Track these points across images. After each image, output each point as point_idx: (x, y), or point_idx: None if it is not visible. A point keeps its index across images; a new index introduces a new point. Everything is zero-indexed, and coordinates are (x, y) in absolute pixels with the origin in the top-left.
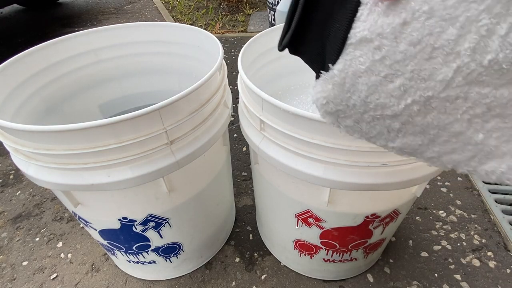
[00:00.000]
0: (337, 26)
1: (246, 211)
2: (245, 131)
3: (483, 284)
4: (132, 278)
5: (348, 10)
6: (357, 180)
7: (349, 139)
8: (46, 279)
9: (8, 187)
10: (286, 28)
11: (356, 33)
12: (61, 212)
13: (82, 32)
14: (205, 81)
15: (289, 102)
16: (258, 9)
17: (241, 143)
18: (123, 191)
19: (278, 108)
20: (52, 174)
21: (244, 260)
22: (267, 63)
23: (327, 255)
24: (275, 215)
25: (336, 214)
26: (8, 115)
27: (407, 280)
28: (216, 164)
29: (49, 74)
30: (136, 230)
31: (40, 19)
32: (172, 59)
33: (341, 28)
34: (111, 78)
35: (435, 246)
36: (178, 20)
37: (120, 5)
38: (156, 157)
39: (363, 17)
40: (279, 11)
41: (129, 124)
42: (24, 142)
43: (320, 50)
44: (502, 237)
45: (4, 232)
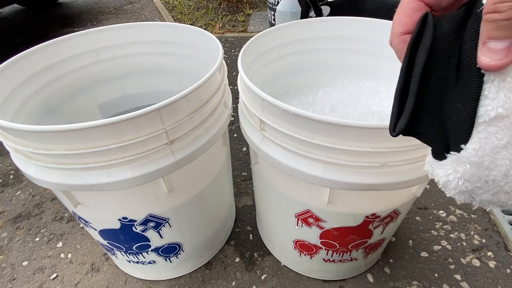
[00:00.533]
0: (459, 106)
1: (246, 211)
2: (245, 131)
3: (483, 284)
4: (132, 278)
5: (471, 89)
6: (357, 180)
7: (349, 139)
8: (46, 279)
9: (8, 187)
10: (396, 113)
11: (488, 112)
12: (61, 212)
13: (82, 32)
14: (205, 81)
15: (289, 102)
16: (258, 9)
17: (241, 143)
18: (123, 191)
19: (278, 108)
20: (52, 174)
21: (244, 260)
22: (267, 63)
23: (327, 255)
24: (275, 215)
25: (336, 214)
26: (8, 115)
27: (407, 280)
28: (216, 164)
29: (49, 74)
30: (136, 230)
31: (40, 19)
32: (172, 59)
33: (465, 108)
34: (111, 78)
35: (435, 246)
36: (178, 20)
37: (120, 5)
38: (156, 157)
39: (491, 94)
40: (279, 11)
41: (129, 124)
42: (24, 142)
43: (440, 131)
44: (502, 237)
45: (4, 232)
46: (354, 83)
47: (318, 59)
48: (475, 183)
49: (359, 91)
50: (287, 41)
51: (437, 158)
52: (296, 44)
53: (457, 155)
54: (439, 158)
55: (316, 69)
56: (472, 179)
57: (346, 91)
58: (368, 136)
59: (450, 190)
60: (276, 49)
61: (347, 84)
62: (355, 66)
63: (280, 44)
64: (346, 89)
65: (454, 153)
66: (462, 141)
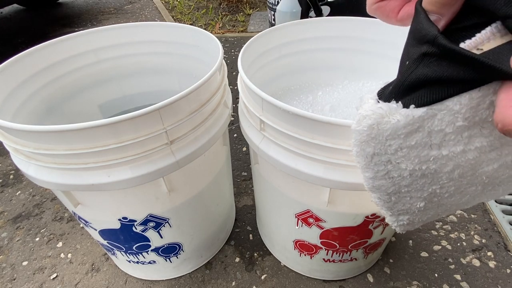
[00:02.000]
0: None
1: (246, 211)
2: (245, 131)
3: (483, 284)
4: (132, 278)
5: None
6: (357, 180)
7: (349, 139)
8: (46, 279)
9: (8, 187)
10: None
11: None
12: (61, 212)
13: (82, 32)
14: (205, 81)
15: (289, 102)
16: (258, 9)
17: (241, 143)
18: (123, 191)
19: (278, 108)
20: (52, 174)
21: (244, 260)
22: (267, 63)
23: (327, 255)
24: (275, 215)
25: (336, 214)
26: (8, 115)
27: (407, 280)
28: (216, 164)
29: (49, 74)
30: (136, 230)
31: (40, 19)
32: (172, 59)
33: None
34: (111, 78)
35: (435, 246)
36: (178, 20)
37: (120, 5)
38: (156, 157)
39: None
40: (279, 11)
41: (129, 124)
42: (24, 142)
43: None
44: (502, 237)
45: (4, 232)
46: (354, 83)
47: (318, 59)
48: (378, 142)
49: (359, 91)
50: (287, 41)
51: (382, 98)
52: (296, 44)
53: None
54: (383, 98)
55: (316, 69)
56: (379, 136)
57: (346, 91)
58: None
59: (361, 128)
60: (276, 49)
61: (347, 84)
62: (355, 66)
63: (280, 44)
64: (346, 89)
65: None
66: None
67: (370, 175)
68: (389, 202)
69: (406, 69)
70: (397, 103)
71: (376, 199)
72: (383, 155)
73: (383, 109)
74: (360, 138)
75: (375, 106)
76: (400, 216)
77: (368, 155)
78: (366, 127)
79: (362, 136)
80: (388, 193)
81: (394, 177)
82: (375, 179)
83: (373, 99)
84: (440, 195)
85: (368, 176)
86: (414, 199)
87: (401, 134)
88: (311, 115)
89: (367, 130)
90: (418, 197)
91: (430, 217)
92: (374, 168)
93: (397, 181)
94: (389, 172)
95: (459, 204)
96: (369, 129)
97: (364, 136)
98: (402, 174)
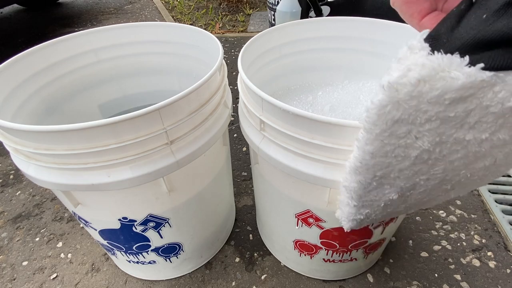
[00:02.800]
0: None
1: (246, 211)
2: (245, 131)
3: (483, 284)
4: (132, 278)
5: None
6: None
7: (349, 139)
8: (46, 279)
9: (8, 187)
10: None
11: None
12: (61, 212)
13: (82, 32)
14: (205, 81)
15: (289, 102)
16: (258, 9)
17: (241, 143)
18: (123, 191)
19: (278, 108)
20: (52, 174)
21: (244, 260)
22: (267, 63)
23: (327, 255)
24: (275, 215)
25: None
26: (8, 115)
27: (407, 280)
28: (216, 164)
29: (49, 74)
30: (136, 230)
31: (40, 19)
32: (172, 59)
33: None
34: (111, 78)
35: (435, 246)
36: (178, 20)
37: (120, 5)
38: (156, 157)
39: None
40: (279, 11)
41: (129, 124)
42: (24, 142)
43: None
44: (502, 237)
45: (4, 232)
46: (354, 83)
47: (318, 59)
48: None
49: (359, 91)
50: (287, 41)
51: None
52: (296, 44)
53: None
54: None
55: (316, 69)
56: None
57: (346, 91)
58: None
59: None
60: (276, 49)
61: (347, 84)
62: (355, 66)
63: (280, 44)
64: (346, 89)
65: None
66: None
67: (372, 149)
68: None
69: (481, 21)
70: (462, 57)
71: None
72: (408, 125)
73: (442, 61)
74: (392, 97)
75: (429, 58)
76: (362, 209)
77: (390, 120)
78: (413, 82)
79: (397, 94)
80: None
81: (397, 156)
82: (374, 156)
83: (423, 49)
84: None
85: (368, 150)
86: (393, 188)
87: (447, 100)
88: (311, 115)
89: (410, 86)
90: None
91: (384, 215)
92: (384, 141)
93: (395, 162)
94: (397, 149)
95: (420, 203)
96: (414, 84)
97: (401, 94)
98: (409, 153)
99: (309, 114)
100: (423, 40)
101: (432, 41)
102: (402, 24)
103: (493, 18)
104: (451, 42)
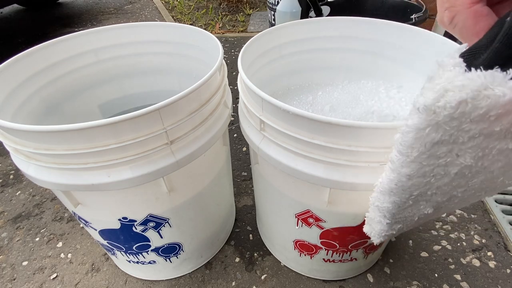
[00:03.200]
0: None
1: (246, 211)
2: (245, 131)
3: (483, 284)
4: (132, 278)
5: None
6: (357, 180)
7: (349, 139)
8: (46, 279)
9: (8, 187)
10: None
11: None
12: (61, 212)
13: (82, 32)
14: (205, 81)
15: (289, 102)
16: (258, 9)
17: (241, 143)
18: (123, 191)
19: (278, 108)
20: (52, 174)
21: (244, 260)
22: (267, 63)
23: (327, 255)
24: (275, 215)
25: (336, 214)
26: (8, 115)
27: (407, 280)
28: (216, 164)
29: (49, 74)
30: (136, 230)
31: (40, 19)
32: (172, 59)
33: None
34: (111, 78)
35: (435, 246)
36: (178, 20)
37: (120, 5)
38: (156, 157)
39: None
40: (279, 11)
41: (129, 124)
42: (24, 142)
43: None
44: (502, 237)
45: (4, 232)
46: (354, 83)
47: (318, 59)
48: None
49: (359, 91)
50: (287, 41)
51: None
52: (296, 44)
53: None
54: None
55: (316, 69)
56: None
57: (346, 91)
58: (368, 136)
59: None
60: (276, 49)
61: (347, 84)
62: (355, 66)
63: (280, 44)
64: (346, 89)
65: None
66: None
67: (408, 171)
68: (399, 208)
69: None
70: (503, 71)
71: (388, 204)
72: (448, 144)
73: (484, 79)
74: (430, 120)
75: (467, 75)
76: (395, 225)
77: (429, 143)
78: (453, 104)
79: (435, 116)
80: (410, 196)
81: (436, 175)
82: (411, 177)
83: (459, 66)
84: (453, 200)
85: (405, 173)
86: (429, 203)
87: (493, 116)
88: (311, 115)
89: (452, 108)
90: (435, 201)
91: (415, 226)
92: (423, 162)
93: (434, 181)
94: (436, 168)
95: (451, 209)
96: (456, 106)
97: (440, 117)
98: (449, 171)
99: (309, 114)
100: (457, 55)
101: (468, 56)
102: (402, 24)
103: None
104: (489, 56)
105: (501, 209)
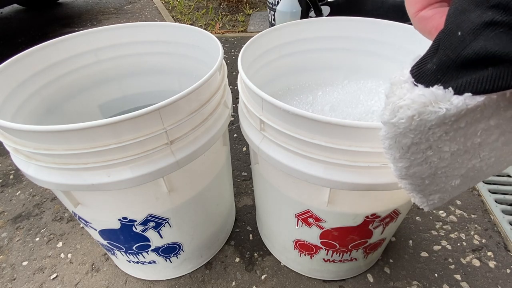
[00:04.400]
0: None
1: (246, 211)
2: (245, 131)
3: (483, 284)
4: (132, 278)
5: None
6: (357, 180)
7: (349, 139)
8: (46, 279)
9: (8, 187)
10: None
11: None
12: (61, 212)
13: (82, 32)
14: (205, 81)
15: (289, 102)
16: (258, 9)
17: (241, 143)
18: (123, 191)
19: (278, 108)
20: (52, 174)
21: (244, 260)
22: (267, 63)
23: (327, 255)
24: (275, 215)
25: (336, 214)
26: (8, 115)
27: (407, 280)
28: (216, 164)
29: (49, 74)
30: (136, 230)
31: (40, 19)
32: (172, 59)
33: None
34: (111, 78)
35: (435, 246)
36: (178, 20)
37: (120, 5)
38: (156, 157)
39: None
40: (279, 11)
41: (129, 124)
42: (24, 142)
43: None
44: (502, 237)
45: (4, 232)
46: (354, 83)
47: (318, 59)
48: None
49: (359, 91)
50: (287, 41)
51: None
52: (296, 44)
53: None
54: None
55: (316, 69)
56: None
57: (346, 91)
58: (368, 136)
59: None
60: (276, 49)
61: (347, 84)
62: (355, 66)
63: (280, 44)
64: (346, 89)
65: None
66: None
67: (404, 164)
68: (422, 185)
69: (458, 43)
70: (446, 88)
71: (407, 185)
72: (423, 143)
73: (426, 96)
74: (394, 131)
75: (414, 93)
76: (431, 196)
77: (405, 146)
78: (404, 119)
79: (397, 128)
80: (422, 178)
81: (433, 161)
82: (410, 167)
83: (407, 82)
84: (478, 169)
85: (402, 166)
86: (450, 177)
87: (449, 122)
88: (311, 115)
89: (404, 122)
90: (454, 175)
91: (461, 190)
92: (410, 158)
93: (434, 165)
94: (428, 158)
95: (492, 173)
96: (408, 121)
97: (400, 129)
98: (442, 156)
99: (309, 114)
100: (407, 71)
101: (415, 69)
102: (402, 24)
103: (470, 37)
104: (430, 68)
105: (501, 209)
